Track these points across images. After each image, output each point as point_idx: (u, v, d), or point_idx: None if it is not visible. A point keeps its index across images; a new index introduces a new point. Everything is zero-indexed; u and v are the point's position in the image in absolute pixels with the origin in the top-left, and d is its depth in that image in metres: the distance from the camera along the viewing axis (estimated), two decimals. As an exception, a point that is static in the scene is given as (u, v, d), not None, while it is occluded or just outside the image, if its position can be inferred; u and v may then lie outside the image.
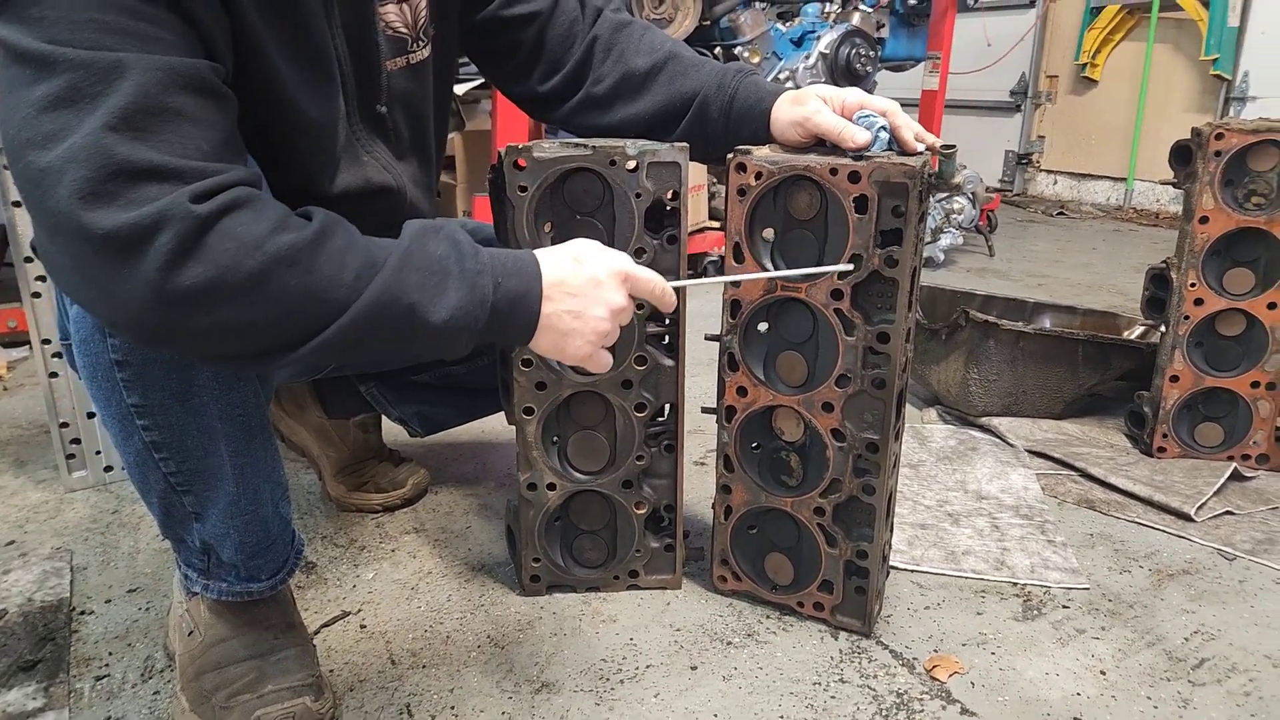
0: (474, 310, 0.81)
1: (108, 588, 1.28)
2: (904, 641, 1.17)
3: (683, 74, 1.18)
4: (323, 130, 0.99)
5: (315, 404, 1.52)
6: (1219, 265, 1.62)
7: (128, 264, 0.68)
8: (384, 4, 1.04)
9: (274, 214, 0.74)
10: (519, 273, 0.85)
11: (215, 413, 0.92)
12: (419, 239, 0.82)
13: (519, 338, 0.87)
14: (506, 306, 0.83)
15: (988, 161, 5.70)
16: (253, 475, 0.97)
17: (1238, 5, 4.34)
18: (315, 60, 0.96)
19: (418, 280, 0.79)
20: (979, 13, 4.86)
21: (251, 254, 0.71)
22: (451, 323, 0.80)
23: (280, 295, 0.72)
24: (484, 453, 1.75)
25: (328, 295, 0.74)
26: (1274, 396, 1.62)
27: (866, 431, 1.09)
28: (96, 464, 1.57)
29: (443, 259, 0.81)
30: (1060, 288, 3.22)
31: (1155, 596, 1.28)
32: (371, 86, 1.05)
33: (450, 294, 0.80)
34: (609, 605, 1.24)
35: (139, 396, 0.89)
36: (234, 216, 0.71)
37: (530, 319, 0.85)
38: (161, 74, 0.72)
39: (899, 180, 0.99)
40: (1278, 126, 1.52)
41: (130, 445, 0.92)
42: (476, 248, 0.84)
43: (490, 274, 0.82)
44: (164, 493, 0.95)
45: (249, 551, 1.00)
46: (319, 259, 0.74)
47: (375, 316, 0.76)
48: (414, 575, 1.32)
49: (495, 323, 0.83)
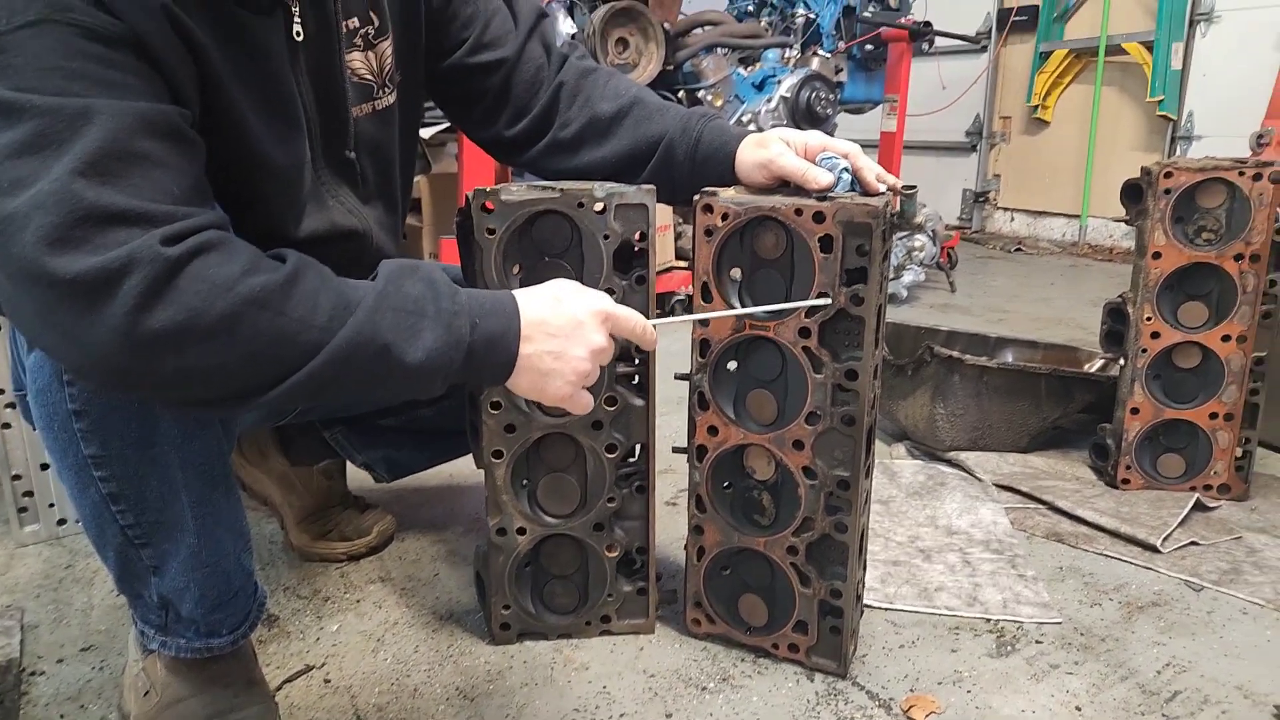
0: (450, 351, 0.80)
1: (60, 646, 1.23)
2: (880, 682, 1.16)
3: (648, 118, 1.20)
4: (289, 175, 0.99)
5: (278, 451, 1.48)
6: (1173, 299, 1.66)
7: (95, 308, 0.67)
8: (350, 51, 1.04)
9: (245, 256, 0.74)
10: (497, 313, 0.85)
11: (176, 462, 0.89)
12: (395, 279, 0.81)
13: (496, 378, 0.87)
14: (483, 347, 0.83)
15: (946, 200, 5.83)
16: (214, 526, 0.94)
17: (1180, 49, 4.52)
18: (281, 106, 0.96)
19: (392, 321, 0.78)
20: (933, 57, 4.99)
21: (223, 296, 0.70)
22: (427, 364, 0.79)
23: (251, 337, 0.72)
24: (452, 497, 1.72)
25: (300, 337, 0.74)
26: (1232, 427, 1.66)
27: (837, 469, 1.09)
28: (50, 517, 1.52)
29: (419, 299, 0.80)
30: (1021, 322, 3.28)
31: (1126, 629, 1.28)
32: (339, 132, 1.05)
33: (426, 335, 0.79)
34: (581, 652, 1.22)
35: (97, 447, 0.86)
36: (205, 259, 0.71)
37: (508, 360, 0.85)
38: (129, 119, 0.72)
39: (862, 220, 1.00)
40: (1224, 165, 1.58)
41: (86, 497, 0.89)
42: (454, 288, 0.84)
43: (467, 314, 0.82)
44: (121, 546, 0.92)
45: (209, 605, 0.97)
46: (291, 300, 0.74)
47: (349, 358, 0.76)
48: (380, 626, 1.28)
49: (472, 363, 0.82)
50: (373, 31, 1.06)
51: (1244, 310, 1.60)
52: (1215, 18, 4.44)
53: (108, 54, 0.73)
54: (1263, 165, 1.55)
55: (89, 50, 0.73)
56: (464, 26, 1.17)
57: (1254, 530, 1.57)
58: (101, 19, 0.74)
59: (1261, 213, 1.56)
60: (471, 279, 1.11)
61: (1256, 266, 1.58)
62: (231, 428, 0.98)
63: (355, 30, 1.04)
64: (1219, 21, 4.43)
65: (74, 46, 0.72)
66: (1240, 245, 1.58)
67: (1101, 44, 4.79)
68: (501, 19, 1.20)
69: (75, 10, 0.73)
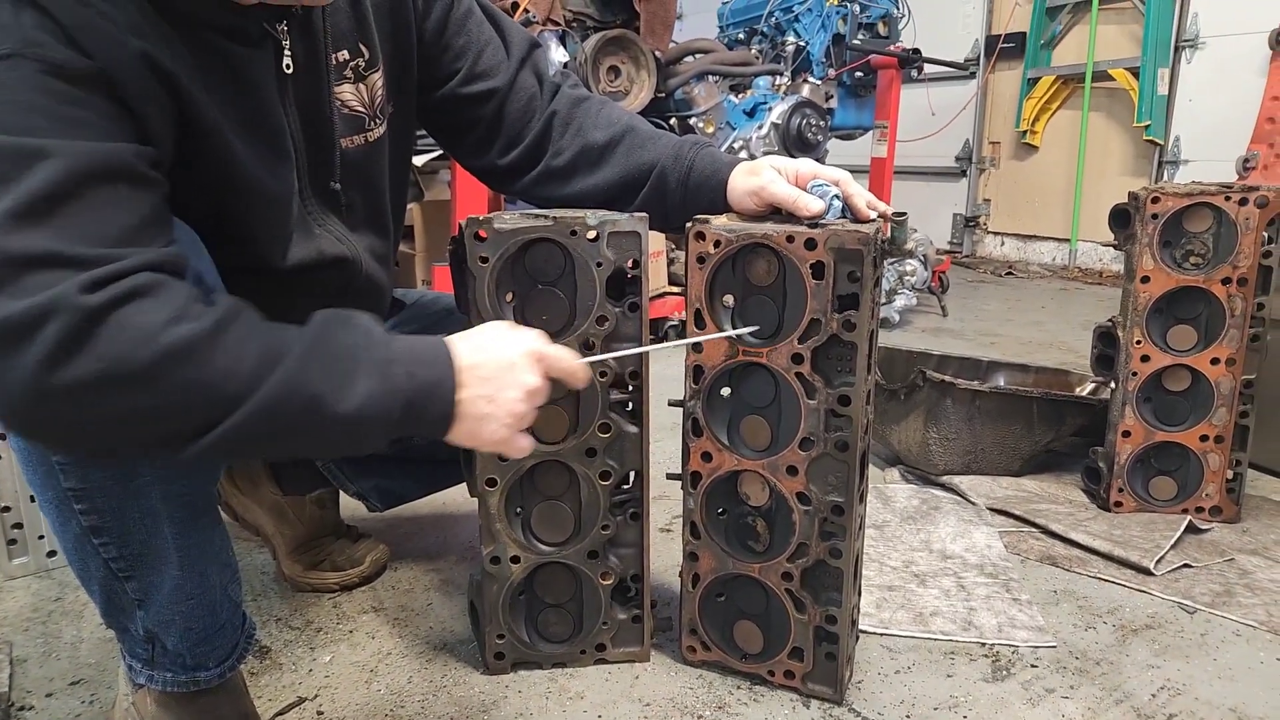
0: (386, 400, 0.78)
1: (49, 680, 1.21)
2: (876, 708, 1.15)
3: (640, 146, 1.21)
4: (276, 205, 1.00)
5: (270, 480, 1.48)
6: (1162, 323, 1.67)
7: (10, 356, 0.66)
8: (340, 84, 1.05)
9: (175, 302, 0.71)
10: (433, 362, 0.83)
11: (158, 494, 0.89)
12: (326, 328, 0.79)
13: (436, 428, 0.84)
14: (421, 397, 0.81)
15: (937, 224, 5.87)
16: (198, 558, 0.93)
17: (1165, 75, 4.58)
18: (270, 137, 0.96)
19: (323, 371, 0.76)
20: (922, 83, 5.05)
21: (144, 346, 0.68)
22: (362, 414, 0.77)
23: (171, 389, 0.70)
24: (445, 526, 1.72)
25: (224, 388, 0.71)
26: (1222, 449, 1.66)
27: (831, 494, 1.09)
28: (39, 549, 1.51)
29: (351, 348, 0.78)
30: (1012, 346, 3.30)
31: (1121, 653, 1.28)
32: (325, 163, 1.06)
33: (359, 384, 0.77)
34: (576, 681, 1.21)
35: (76, 480, 0.85)
36: (131, 306, 0.69)
37: (446, 408, 0.82)
38: (80, 160, 0.72)
39: (854, 247, 1.01)
40: (1210, 190, 1.60)
41: (68, 531, 0.88)
42: (388, 337, 0.82)
43: (403, 364, 0.80)
44: (105, 579, 0.91)
45: (195, 638, 0.96)
46: (216, 351, 0.71)
47: (276, 410, 0.73)
48: (373, 657, 1.27)
49: (410, 414, 0.80)
50: (363, 64, 1.07)
51: (1232, 333, 1.62)
52: (1200, 44, 4.51)
53: (72, 92, 0.74)
54: (1249, 190, 1.58)
55: (53, 88, 0.73)
56: (456, 57, 1.18)
57: (1246, 552, 1.58)
58: (71, 58, 0.74)
59: (1248, 237, 1.58)
60: (464, 307, 1.11)
61: (1244, 290, 1.60)
62: None
63: (345, 63, 1.05)
64: (1204, 48, 4.50)
65: (38, 83, 0.73)
66: (1228, 269, 1.60)
67: (1088, 70, 4.86)
68: (494, 49, 1.21)
69: (45, 47, 0.74)
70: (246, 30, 0.92)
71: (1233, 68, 4.36)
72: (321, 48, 1.01)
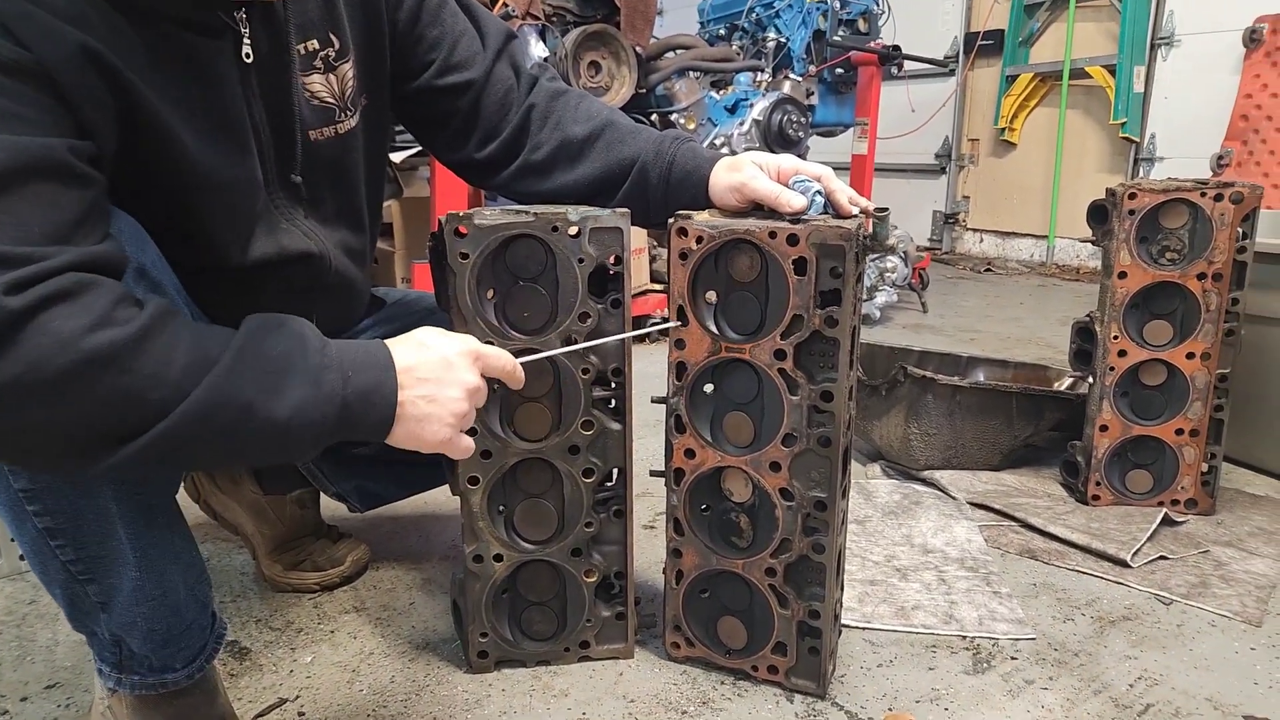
0: (321, 406, 0.77)
1: (24, 684, 1.20)
2: (859, 701, 1.16)
3: (621, 141, 1.20)
4: (234, 200, 0.98)
5: (251, 480, 1.46)
6: (1139, 318, 1.69)
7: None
8: (308, 74, 1.03)
9: (100, 306, 0.69)
10: (371, 365, 0.82)
11: (109, 494, 0.87)
12: (256, 335, 0.78)
13: (376, 432, 0.83)
14: (359, 401, 0.80)
15: (917, 221, 5.91)
16: (157, 558, 0.92)
17: (1142, 73, 4.63)
18: (228, 130, 0.94)
19: (254, 378, 0.75)
20: (902, 80, 5.08)
21: (62, 352, 0.66)
22: (295, 420, 0.76)
23: (92, 396, 0.68)
24: (427, 525, 1.71)
25: (149, 395, 0.70)
26: (1198, 443, 1.68)
27: (814, 490, 1.09)
28: (12, 552, 1.49)
29: (284, 355, 0.77)
30: (991, 342, 3.32)
31: (1099, 644, 1.29)
32: (288, 154, 1.04)
33: (292, 391, 0.76)
34: (560, 678, 1.21)
35: (26, 480, 0.84)
36: (54, 310, 0.67)
37: (387, 412, 0.82)
38: (9, 155, 0.70)
39: (836, 242, 1.01)
40: (1186, 186, 1.61)
41: (25, 533, 0.87)
42: (324, 341, 0.81)
43: (338, 369, 0.79)
44: (66, 583, 0.89)
45: (159, 640, 0.94)
46: (140, 357, 0.70)
47: (206, 417, 0.72)
48: (355, 657, 1.27)
49: (347, 418, 0.80)
50: (333, 54, 1.05)
51: (1208, 328, 1.64)
52: (1176, 41, 4.56)
53: (4, 83, 0.72)
54: (1224, 186, 1.59)
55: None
56: (430, 49, 1.17)
57: (1220, 544, 1.60)
58: (6, 48, 0.72)
59: (1223, 232, 1.60)
60: (445, 304, 1.10)
61: (1219, 285, 1.62)
62: None
63: (314, 53, 1.03)
64: (1179, 45, 4.56)
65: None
66: (1203, 264, 1.62)
67: (1065, 68, 4.90)
68: (469, 40, 1.19)
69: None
70: (204, 20, 0.90)
71: (1208, 65, 4.42)
72: (285, 36, 0.99)
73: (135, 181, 0.85)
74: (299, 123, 1.03)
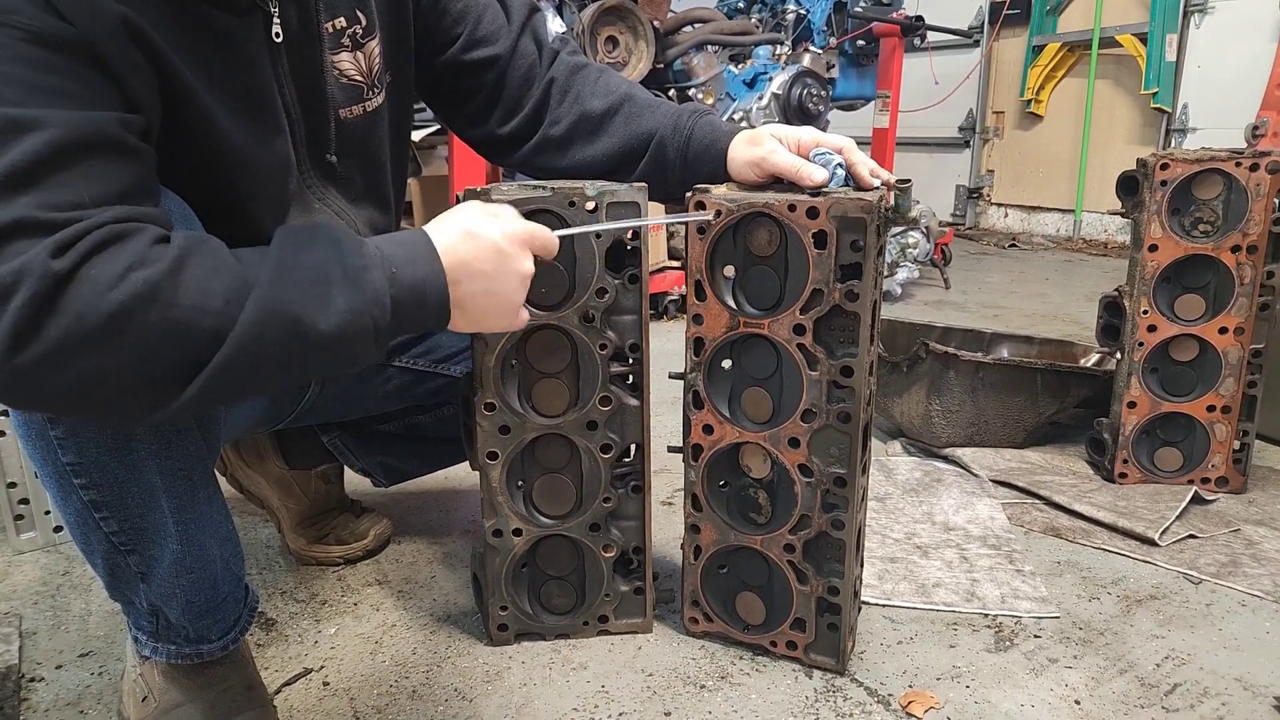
0: (370, 309, 0.76)
1: (59, 653, 1.22)
2: (878, 678, 1.15)
3: (639, 115, 1.19)
4: (269, 178, 0.98)
5: (276, 455, 1.48)
6: (1170, 292, 1.65)
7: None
8: (337, 52, 1.03)
9: (135, 248, 0.69)
10: (414, 258, 0.81)
11: (155, 468, 0.88)
12: (290, 247, 0.77)
13: (435, 323, 0.84)
14: (410, 296, 0.79)
15: (939, 196, 5.83)
16: (198, 532, 0.93)
17: (1174, 41, 4.52)
18: (261, 110, 0.94)
19: (297, 291, 0.73)
20: (925, 52, 4.99)
21: (103, 298, 0.66)
22: (347, 328, 0.75)
23: (141, 336, 0.67)
24: (448, 500, 1.72)
25: (198, 325, 0.69)
26: (1229, 420, 1.65)
27: (834, 466, 1.09)
28: (46, 524, 1.52)
29: (322, 263, 0.76)
30: (1016, 318, 3.28)
31: (1125, 623, 1.28)
32: (322, 134, 1.04)
33: (337, 298, 0.75)
34: (579, 652, 1.21)
35: (74, 454, 0.85)
36: (93, 261, 0.67)
37: (441, 301, 0.82)
38: (60, 131, 0.70)
39: (856, 215, 1.00)
40: (1220, 156, 1.57)
41: (69, 505, 0.88)
42: (360, 241, 0.79)
43: (380, 267, 0.78)
44: (108, 553, 0.91)
45: (196, 612, 0.96)
46: (179, 290, 0.69)
47: (257, 339, 0.71)
48: (378, 629, 1.28)
49: (402, 315, 0.79)
50: (360, 31, 1.05)
51: (1241, 302, 1.60)
52: (1209, 9, 4.45)
53: (50, 58, 0.72)
54: (1259, 155, 1.55)
55: (30, 55, 0.71)
56: (455, 23, 1.16)
57: (1252, 523, 1.57)
58: (50, 23, 0.72)
59: (1259, 203, 1.56)
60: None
61: (1254, 258, 1.58)
62: (213, 432, 0.96)
63: (342, 30, 1.03)
64: (1213, 13, 4.44)
65: (15, 51, 0.70)
66: (1237, 236, 1.58)
67: (1095, 36, 4.80)
68: (493, 14, 1.18)
69: (21, 13, 0.71)
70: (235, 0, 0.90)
71: (1242, 33, 4.30)
72: (314, 14, 0.99)
73: (172, 160, 0.85)
74: (330, 102, 1.03)
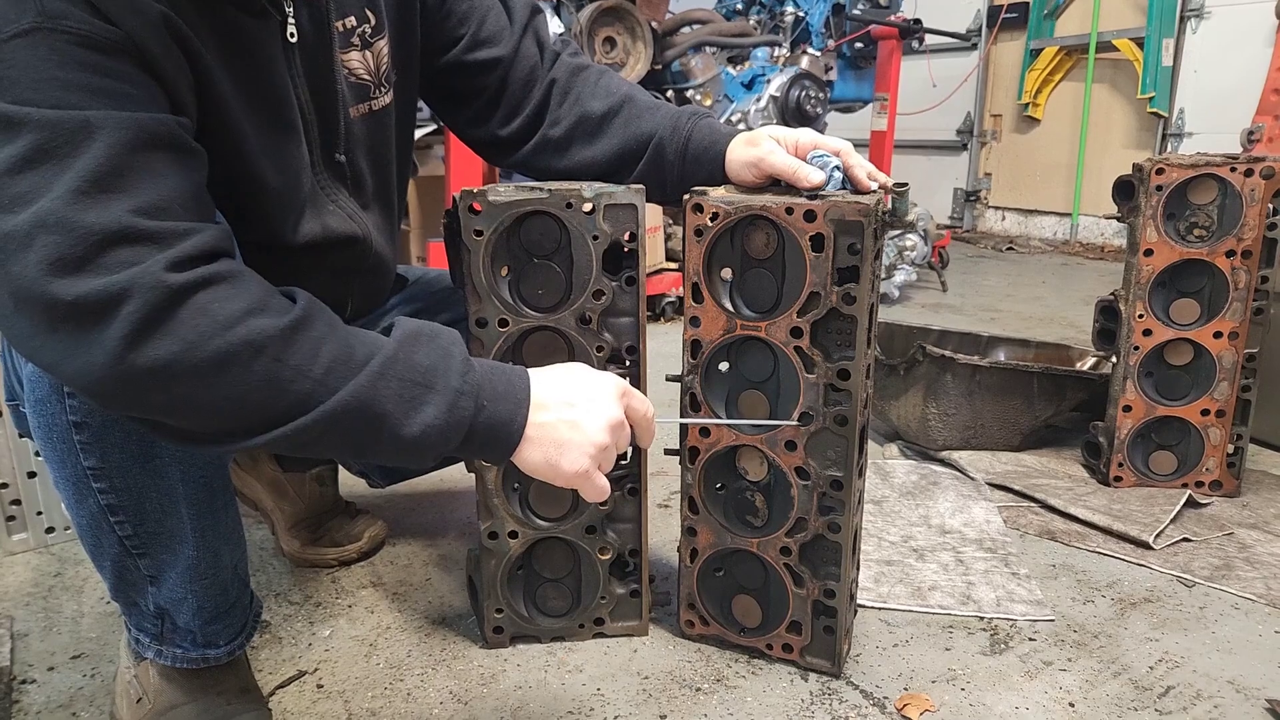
0: (448, 431, 0.77)
1: (50, 654, 1.22)
2: (874, 680, 1.15)
3: (638, 117, 1.19)
4: (285, 180, 0.98)
5: (270, 457, 1.48)
6: (1165, 296, 1.66)
7: (92, 331, 0.66)
8: (347, 51, 1.03)
9: (253, 293, 0.71)
10: (508, 396, 0.80)
11: (177, 474, 0.89)
12: (407, 344, 0.77)
13: (493, 459, 0.83)
14: (484, 431, 0.79)
15: (937, 199, 5.84)
16: (214, 538, 0.94)
17: (1170, 45, 4.53)
18: (278, 110, 0.95)
19: (396, 390, 0.74)
20: (923, 55, 5.00)
21: (220, 334, 0.68)
22: (422, 440, 0.76)
23: (241, 380, 0.69)
24: (443, 502, 1.71)
25: (293, 387, 0.71)
26: (1224, 424, 1.66)
27: (830, 469, 1.09)
28: (38, 525, 1.51)
29: (428, 371, 0.76)
30: (1013, 321, 3.29)
31: (1119, 626, 1.28)
32: (333, 134, 1.04)
33: (427, 410, 0.75)
34: (575, 655, 1.21)
35: (97, 459, 0.85)
36: (211, 291, 0.69)
37: (509, 444, 0.80)
38: (130, 132, 0.70)
39: (854, 218, 1.00)
40: (1216, 161, 1.58)
41: (84, 508, 0.88)
42: (469, 362, 0.80)
43: (474, 395, 0.78)
44: (118, 556, 0.91)
45: (207, 616, 0.97)
46: (290, 348, 0.71)
47: (341, 419, 0.72)
48: (372, 631, 1.28)
49: (470, 445, 0.79)
50: (369, 30, 1.05)
51: (1236, 307, 1.61)
52: (1206, 14, 4.46)
53: (105, 62, 0.72)
54: (1254, 161, 1.56)
55: (85, 59, 0.71)
56: (459, 23, 1.16)
57: (1246, 526, 1.58)
58: (97, 26, 0.72)
59: (1253, 209, 1.56)
60: (459, 281, 1.10)
61: (1248, 263, 1.58)
62: None
63: (352, 29, 1.03)
64: (1209, 18, 4.46)
65: (69, 55, 0.70)
66: (1232, 241, 1.58)
67: (1092, 41, 4.81)
68: (496, 15, 1.18)
69: (69, 18, 0.70)
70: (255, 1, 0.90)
71: (1239, 38, 4.32)
72: (326, 14, 0.99)
73: None
74: (340, 100, 1.03)
